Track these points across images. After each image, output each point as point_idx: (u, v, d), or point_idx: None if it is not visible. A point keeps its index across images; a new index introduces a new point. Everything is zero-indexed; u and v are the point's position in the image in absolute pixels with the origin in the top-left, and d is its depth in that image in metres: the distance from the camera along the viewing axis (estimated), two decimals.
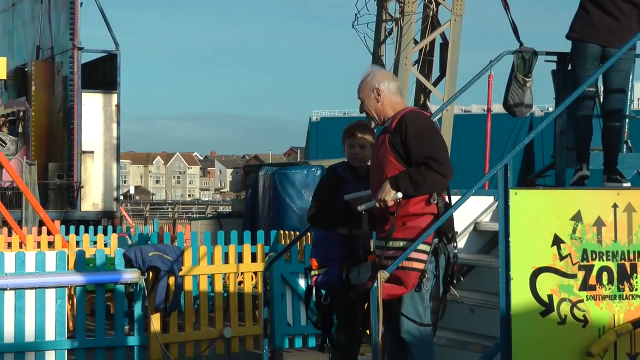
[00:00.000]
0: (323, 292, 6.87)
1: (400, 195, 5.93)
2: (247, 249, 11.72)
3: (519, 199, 6.12)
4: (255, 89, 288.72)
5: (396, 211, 5.95)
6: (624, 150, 8.19)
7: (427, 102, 17.54)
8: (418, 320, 5.96)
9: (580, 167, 7.76)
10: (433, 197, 6.00)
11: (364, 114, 6.44)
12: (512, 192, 6.10)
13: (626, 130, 8.30)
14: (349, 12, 18.21)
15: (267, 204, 17.44)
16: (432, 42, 17.80)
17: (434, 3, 17.52)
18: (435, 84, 17.57)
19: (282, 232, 13.64)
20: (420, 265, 5.92)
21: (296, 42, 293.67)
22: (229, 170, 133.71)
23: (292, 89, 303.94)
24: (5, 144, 22.72)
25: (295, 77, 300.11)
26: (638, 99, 58.90)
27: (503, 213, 6.11)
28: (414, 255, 5.89)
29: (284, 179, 16.99)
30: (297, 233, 11.30)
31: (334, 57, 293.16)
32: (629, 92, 8.34)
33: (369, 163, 6.61)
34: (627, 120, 8.34)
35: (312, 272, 6.84)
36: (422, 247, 5.92)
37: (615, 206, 6.33)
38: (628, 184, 7.63)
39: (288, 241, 12.76)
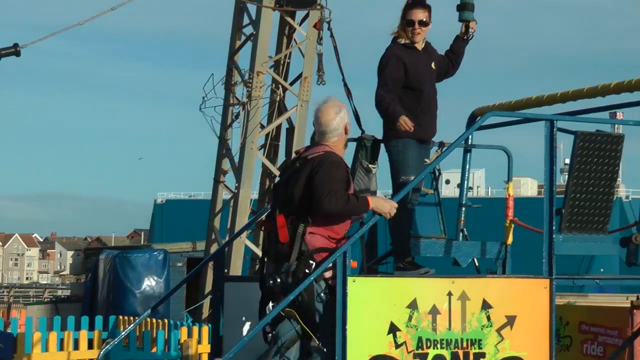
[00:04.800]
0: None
1: None
2: (83, 335, 11.38)
3: (357, 286, 6.15)
4: (97, 169, 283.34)
5: None
6: (460, 238, 8.32)
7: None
8: None
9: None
10: None
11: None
12: (350, 279, 6.13)
13: (462, 219, 8.44)
14: (196, 94, 18.18)
15: (106, 288, 17.04)
16: (279, 127, 17.98)
17: (281, 88, 17.75)
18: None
19: (121, 317, 13.29)
20: None
21: (141, 122, 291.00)
22: (70, 253, 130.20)
23: (137, 170, 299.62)
24: None
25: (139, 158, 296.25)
26: (478, 187, 61.11)
27: (341, 300, 6.12)
28: None
29: (125, 262, 16.68)
30: (137, 318, 11.02)
31: (180, 139, 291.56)
32: (464, 182, 8.56)
33: None
34: (463, 209, 8.50)
35: None
36: None
37: (450, 294, 6.42)
38: (425, 270, 7.41)
39: (127, 327, 12.41)
